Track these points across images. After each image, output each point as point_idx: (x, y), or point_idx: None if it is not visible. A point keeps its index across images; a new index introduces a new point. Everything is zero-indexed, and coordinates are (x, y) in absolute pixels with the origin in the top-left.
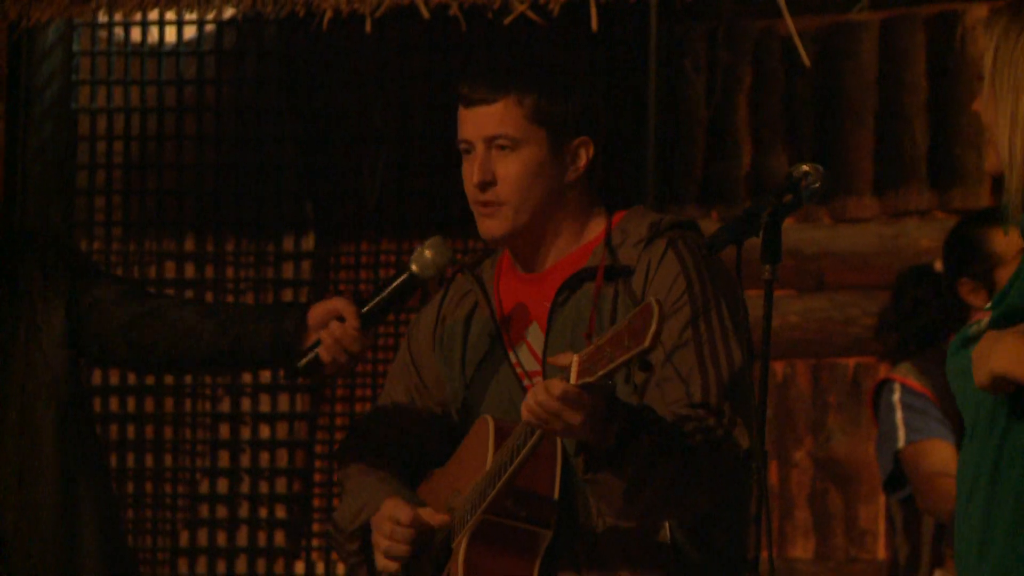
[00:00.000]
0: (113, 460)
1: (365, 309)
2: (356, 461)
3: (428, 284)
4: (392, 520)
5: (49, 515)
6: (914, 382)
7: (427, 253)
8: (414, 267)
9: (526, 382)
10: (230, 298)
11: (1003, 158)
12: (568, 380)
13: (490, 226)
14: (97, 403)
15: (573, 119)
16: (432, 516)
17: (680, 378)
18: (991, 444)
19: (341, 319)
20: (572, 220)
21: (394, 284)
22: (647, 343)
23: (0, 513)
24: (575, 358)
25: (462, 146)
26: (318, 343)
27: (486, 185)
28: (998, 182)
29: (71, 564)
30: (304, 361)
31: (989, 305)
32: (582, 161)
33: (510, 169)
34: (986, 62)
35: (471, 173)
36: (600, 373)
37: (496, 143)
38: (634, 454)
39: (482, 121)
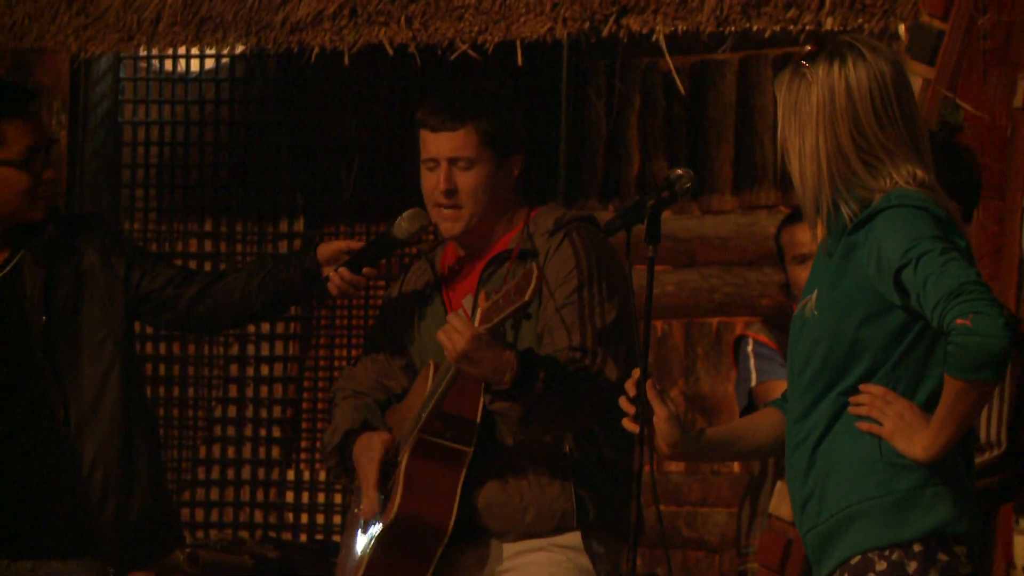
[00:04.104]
0: (148, 391)
1: (354, 255)
2: (341, 396)
3: (403, 243)
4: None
5: (115, 446)
6: (764, 337)
7: (404, 220)
8: (393, 229)
9: None
10: (237, 267)
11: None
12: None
13: (450, 227)
14: (137, 347)
15: (513, 141)
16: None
17: (566, 328)
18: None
19: (344, 254)
20: (502, 215)
21: (377, 240)
22: (527, 297)
23: (82, 443)
24: (479, 309)
25: (428, 164)
26: (327, 278)
27: (452, 193)
28: None
29: (129, 489)
30: (320, 293)
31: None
32: (515, 172)
33: (468, 182)
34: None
35: (436, 183)
36: (495, 320)
37: (457, 162)
38: (527, 391)
39: (446, 144)
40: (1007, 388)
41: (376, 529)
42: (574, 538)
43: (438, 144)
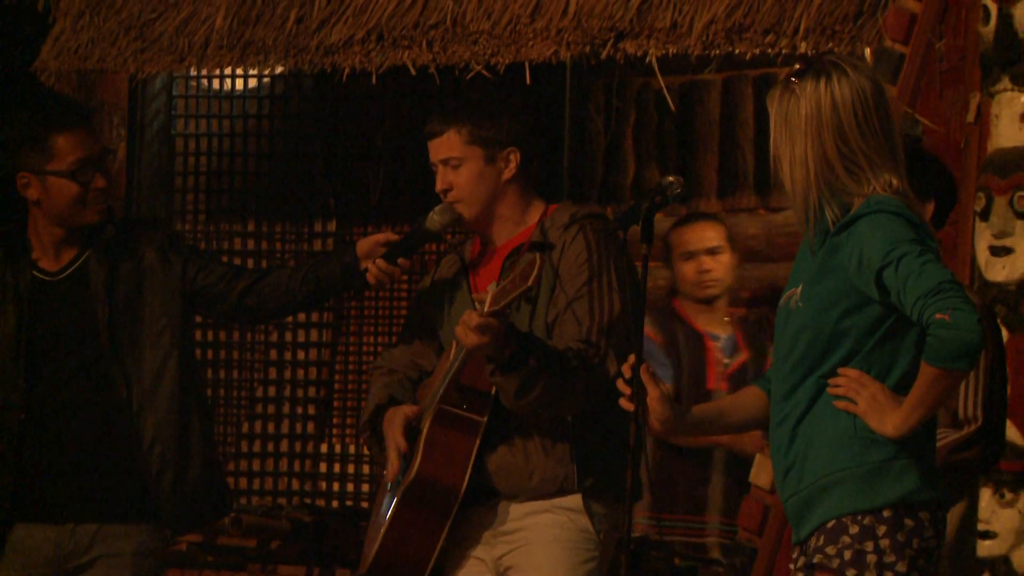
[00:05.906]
0: None
1: (390, 246)
2: (378, 373)
3: (435, 235)
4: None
5: (172, 423)
6: (648, 330)
7: (435, 214)
8: (425, 222)
9: None
10: (277, 263)
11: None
12: (483, 310)
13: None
14: None
15: (500, 137)
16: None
17: (575, 320)
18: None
19: (382, 246)
20: (514, 208)
21: (410, 232)
22: (530, 283)
23: (143, 420)
24: (489, 294)
25: (433, 166)
26: (366, 270)
27: (446, 191)
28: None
29: (185, 462)
30: (359, 284)
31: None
32: (512, 165)
33: (459, 179)
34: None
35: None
36: (502, 304)
37: (448, 162)
38: (523, 368)
39: (437, 148)
40: (981, 368)
41: (400, 489)
42: (575, 500)
43: (433, 149)
